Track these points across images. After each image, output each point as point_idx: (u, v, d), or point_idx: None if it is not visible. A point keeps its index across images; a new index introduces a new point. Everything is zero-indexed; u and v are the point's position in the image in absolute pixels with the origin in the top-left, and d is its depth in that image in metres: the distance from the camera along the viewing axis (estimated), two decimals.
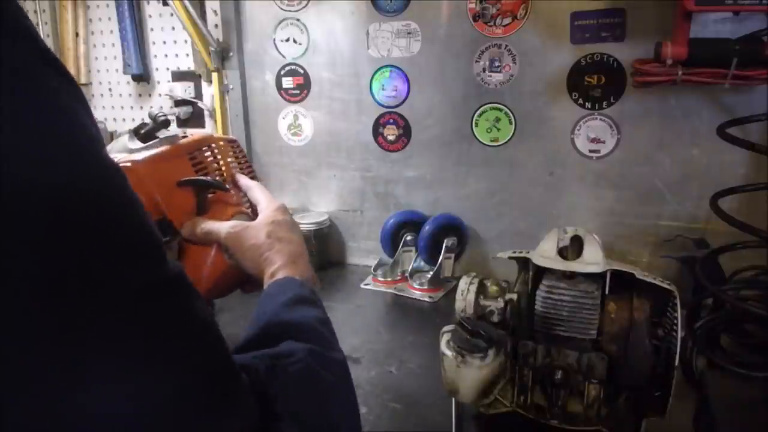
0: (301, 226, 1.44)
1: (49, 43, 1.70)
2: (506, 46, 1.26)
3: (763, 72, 0.99)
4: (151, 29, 1.60)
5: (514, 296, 0.81)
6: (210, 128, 1.61)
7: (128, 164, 0.61)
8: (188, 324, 0.31)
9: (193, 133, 0.73)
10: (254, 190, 0.71)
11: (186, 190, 0.65)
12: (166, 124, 0.68)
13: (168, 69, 1.62)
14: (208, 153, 0.71)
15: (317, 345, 0.47)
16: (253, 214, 0.70)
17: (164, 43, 1.60)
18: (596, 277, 0.76)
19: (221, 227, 0.63)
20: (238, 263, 0.63)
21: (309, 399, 0.43)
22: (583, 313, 0.76)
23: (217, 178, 0.70)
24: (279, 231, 0.63)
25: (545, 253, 0.77)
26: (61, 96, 0.26)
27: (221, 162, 0.72)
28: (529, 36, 1.24)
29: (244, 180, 0.73)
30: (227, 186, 0.70)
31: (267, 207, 0.67)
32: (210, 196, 0.67)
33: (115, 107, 1.72)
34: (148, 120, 0.68)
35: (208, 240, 0.63)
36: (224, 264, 0.65)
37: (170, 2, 1.41)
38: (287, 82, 1.47)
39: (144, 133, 0.67)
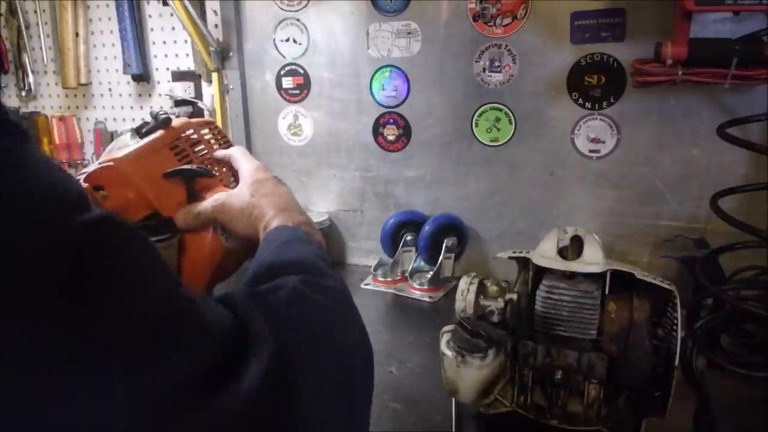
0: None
1: (49, 43, 1.70)
2: (506, 46, 1.26)
3: (763, 72, 0.99)
4: (151, 29, 1.60)
5: (514, 296, 0.81)
6: None
7: (110, 163, 0.61)
8: (119, 267, 0.30)
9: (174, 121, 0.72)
10: (233, 155, 0.70)
11: (174, 181, 0.64)
12: (167, 122, 0.67)
13: (168, 69, 1.62)
14: (187, 141, 0.70)
15: (309, 275, 0.46)
16: (236, 179, 0.69)
17: (164, 43, 1.60)
18: (596, 277, 0.76)
19: (207, 204, 0.62)
20: (234, 232, 0.62)
21: (296, 321, 0.40)
22: (583, 313, 0.76)
23: (202, 163, 0.70)
24: (262, 188, 0.62)
25: (545, 253, 0.77)
26: None
27: (201, 146, 0.72)
28: (529, 36, 1.24)
29: (221, 153, 0.72)
30: (214, 171, 0.69)
31: (247, 169, 0.66)
32: (199, 183, 0.66)
33: (115, 107, 1.72)
34: (149, 119, 0.68)
35: (200, 222, 0.63)
36: (221, 246, 0.64)
37: (170, 2, 1.41)
38: (287, 82, 1.47)
39: (145, 132, 0.67)
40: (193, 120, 0.73)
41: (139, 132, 0.67)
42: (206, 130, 0.74)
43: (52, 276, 0.26)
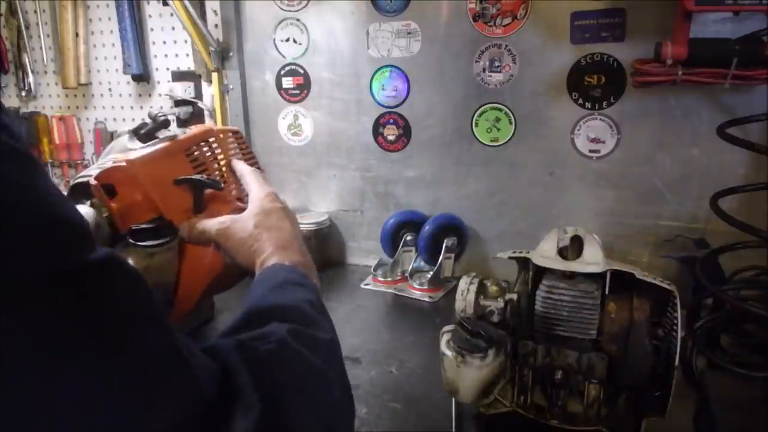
0: (301, 226, 1.44)
1: (49, 43, 1.71)
2: (506, 46, 1.26)
3: (763, 72, 0.99)
4: (151, 29, 1.60)
5: (514, 296, 0.81)
6: None
7: (123, 163, 0.61)
8: (109, 310, 0.30)
9: (194, 127, 0.71)
10: (246, 176, 0.69)
11: (183, 188, 0.64)
12: (166, 124, 0.68)
13: (168, 69, 1.62)
14: (206, 148, 0.70)
15: (300, 324, 0.45)
16: (243, 203, 0.69)
17: (164, 43, 1.60)
18: (596, 277, 0.76)
19: (212, 225, 0.62)
20: (233, 258, 0.62)
21: (282, 377, 0.40)
22: (583, 313, 0.76)
23: (216, 173, 0.70)
24: (267, 220, 0.61)
25: (545, 253, 0.77)
26: None
27: (220, 156, 0.72)
28: (529, 36, 1.24)
29: (239, 166, 0.71)
30: (222, 184, 0.69)
31: (256, 196, 0.65)
32: (207, 193, 0.67)
33: (115, 107, 1.72)
34: (148, 120, 0.68)
35: (203, 240, 0.63)
36: (222, 262, 0.64)
37: (170, 2, 1.41)
38: (287, 82, 1.47)
39: (144, 133, 0.67)
40: (216, 128, 0.73)
41: (137, 133, 0.67)
42: (231, 139, 0.74)
43: (48, 313, 0.26)
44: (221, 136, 0.73)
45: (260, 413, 0.35)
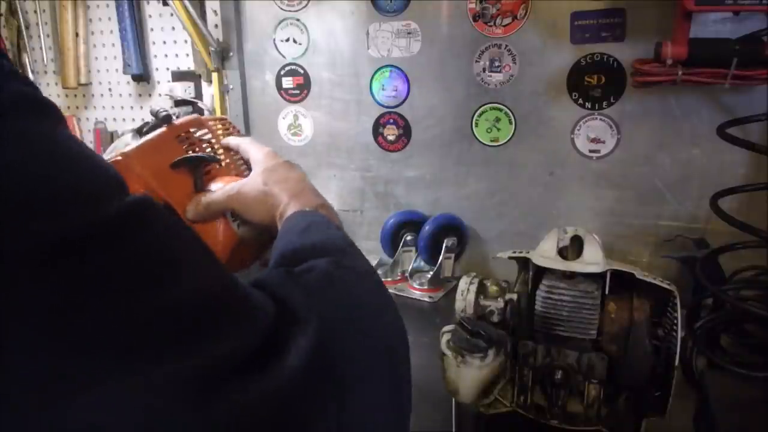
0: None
1: (49, 43, 1.71)
2: (506, 46, 1.26)
3: (763, 72, 0.99)
4: (151, 29, 1.60)
5: (514, 296, 0.81)
6: None
7: (119, 158, 0.61)
8: (160, 251, 0.29)
9: (183, 117, 0.71)
10: (242, 145, 0.70)
11: (181, 171, 0.63)
12: (167, 119, 0.67)
13: (168, 69, 1.62)
14: (198, 133, 0.70)
15: (338, 257, 0.44)
16: (248, 168, 0.69)
17: (164, 43, 1.60)
18: (596, 277, 0.76)
19: (219, 195, 0.62)
20: (250, 221, 0.62)
21: (336, 297, 0.39)
22: (583, 313, 0.76)
23: (210, 151, 0.69)
24: (274, 175, 0.62)
25: (545, 253, 0.77)
26: None
27: (211, 138, 0.72)
28: (529, 36, 1.24)
29: (232, 140, 0.71)
30: (221, 157, 0.69)
31: (257, 156, 0.66)
32: (207, 171, 0.66)
33: (115, 107, 1.72)
34: (150, 118, 0.68)
35: (212, 212, 0.62)
36: (235, 235, 0.64)
37: (170, 2, 1.41)
38: (287, 82, 1.47)
39: (146, 132, 0.67)
40: (203, 117, 0.73)
41: (140, 132, 0.67)
42: (219, 126, 0.74)
43: (92, 260, 0.26)
44: (210, 123, 0.73)
45: (317, 330, 0.34)
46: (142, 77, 1.63)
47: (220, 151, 0.71)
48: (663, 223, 1.22)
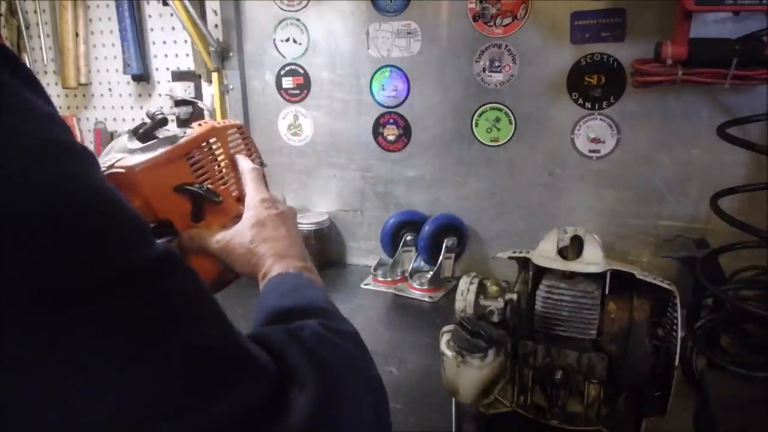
0: (301, 226, 1.45)
1: (49, 43, 1.70)
2: (506, 46, 1.26)
3: (763, 72, 0.99)
4: (151, 29, 1.60)
5: (514, 296, 0.81)
6: None
7: (122, 170, 0.60)
8: (179, 303, 0.30)
9: (199, 125, 0.71)
10: (245, 175, 0.69)
11: (182, 196, 0.64)
12: (163, 122, 0.67)
13: (168, 69, 1.62)
14: (207, 149, 0.69)
15: (325, 319, 0.46)
16: (242, 205, 0.69)
17: (164, 43, 1.60)
18: (596, 277, 0.76)
19: (211, 242, 0.62)
20: (233, 270, 0.62)
21: (330, 357, 0.41)
22: (583, 313, 0.76)
23: (217, 174, 0.69)
24: (263, 232, 0.61)
25: (545, 253, 0.77)
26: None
27: (221, 156, 0.71)
28: (529, 36, 1.24)
29: (241, 163, 0.71)
30: (220, 198, 0.68)
31: (251, 202, 0.65)
32: (206, 204, 0.66)
33: (115, 107, 1.72)
34: (147, 120, 0.68)
35: (202, 253, 0.63)
36: (216, 270, 0.64)
37: (170, 2, 1.41)
38: (287, 82, 1.47)
39: (142, 133, 0.66)
40: (219, 124, 0.72)
41: (136, 133, 0.66)
42: (235, 134, 0.74)
43: (118, 310, 0.27)
44: (224, 133, 0.72)
45: (316, 389, 0.36)
46: (142, 77, 1.63)
47: (226, 169, 0.71)
48: (663, 223, 1.22)
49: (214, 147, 0.70)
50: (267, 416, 0.32)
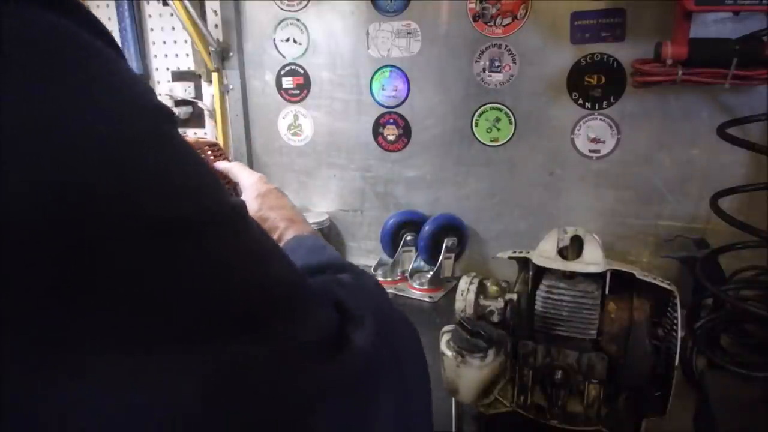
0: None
1: None
2: (506, 46, 1.26)
3: (763, 72, 0.99)
4: (151, 29, 1.60)
5: (514, 296, 0.81)
6: (210, 128, 1.61)
7: None
8: (259, 245, 0.32)
9: (190, 135, 0.74)
10: (232, 169, 0.71)
11: None
12: None
13: (168, 69, 1.62)
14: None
15: (353, 273, 0.47)
16: (237, 194, 0.71)
17: (164, 43, 1.60)
18: (596, 277, 0.76)
19: None
20: None
21: (376, 302, 0.43)
22: (583, 313, 0.76)
23: None
24: (267, 200, 0.64)
25: (545, 253, 0.77)
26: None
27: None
28: (529, 36, 1.24)
29: (221, 165, 0.73)
30: None
31: (248, 182, 0.68)
32: None
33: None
34: None
35: None
36: None
37: (170, 2, 1.41)
38: (287, 82, 1.47)
39: None
40: (200, 140, 0.75)
41: None
42: (209, 151, 0.76)
43: (208, 242, 0.28)
44: (205, 147, 0.75)
45: (373, 323, 0.38)
46: (142, 77, 1.63)
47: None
48: (663, 223, 1.22)
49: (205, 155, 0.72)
50: (337, 341, 0.34)
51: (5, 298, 0.22)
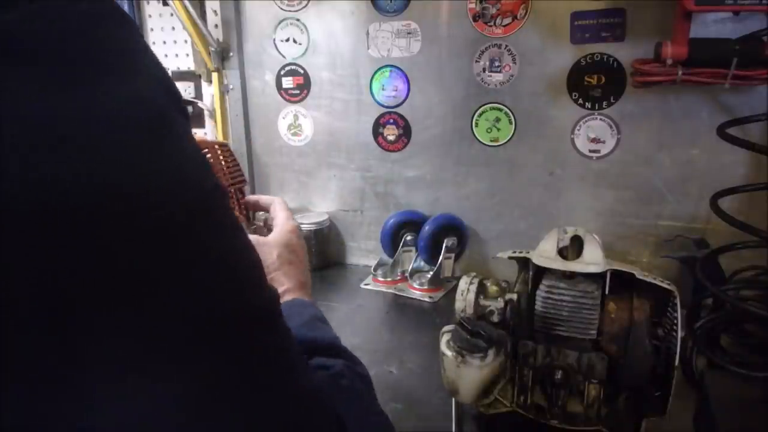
0: (301, 226, 1.45)
1: None
2: (506, 46, 1.26)
3: (763, 72, 0.99)
4: (151, 29, 1.60)
5: (514, 296, 0.81)
6: (210, 128, 1.61)
7: None
8: (267, 355, 0.31)
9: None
10: (274, 205, 0.71)
11: None
12: None
13: (168, 69, 1.62)
14: (208, 156, 0.72)
15: (347, 360, 0.47)
16: (268, 230, 0.71)
17: (164, 43, 1.60)
18: (596, 277, 0.76)
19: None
20: None
21: (352, 400, 0.43)
22: (583, 313, 0.76)
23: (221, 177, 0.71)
24: (290, 254, 0.63)
25: (545, 253, 0.77)
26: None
27: (215, 167, 0.73)
28: (529, 36, 1.24)
29: (264, 197, 0.74)
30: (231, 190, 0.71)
31: (282, 225, 0.67)
32: None
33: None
34: None
35: None
36: None
37: (170, 2, 1.41)
38: (287, 82, 1.47)
39: None
40: (209, 140, 0.75)
41: None
42: (219, 152, 0.76)
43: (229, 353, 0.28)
44: (215, 147, 0.75)
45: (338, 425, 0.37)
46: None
47: (224, 179, 0.73)
48: (663, 223, 1.22)
49: (208, 156, 0.73)
50: None
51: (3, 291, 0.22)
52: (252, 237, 0.63)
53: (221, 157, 0.76)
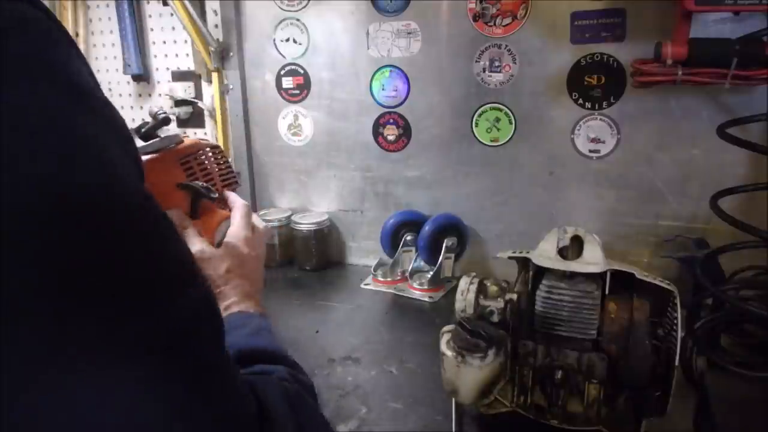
0: (301, 226, 1.45)
1: None
2: (506, 46, 1.26)
3: (763, 72, 0.99)
4: (151, 29, 1.60)
5: (514, 296, 0.81)
6: (210, 128, 1.61)
7: None
8: (200, 360, 0.33)
9: (186, 135, 0.75)
10: (236, 209, 0.71)
11: (182, 193, 0.68)
12: (166, 121, 0.69)
13: (168, 69, 1.62)
14: (198, 160, 0.73)
15: (289, 367, 0.48)
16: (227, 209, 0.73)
17: (164, 43, 1.60)
18: (596, 277, 0.76)
19: (193, 249, 0.63)
20: None
21: (304, 415, 0.43)
22: (583, 313, 0.76)
23: (207, 183, 0.72)
24: (238, 267, 0.63)
25: (545, 253, 0.77)
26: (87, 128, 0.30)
27: (209, 168, 0.74)
28: (529, 36, 1.24)
29: (231, 196, 0.74)
30: (216, 195, 0.71)
31: (235, 236, 0.66)
32: (202, 202, 0.69)
33: (115, 107, 1.72)
34: (148, 119, 0.69)
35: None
36: None
37: (170, 2, 1.41)
38: (287, 82, 1.47)
39: (145, 132, 0.68)
40: (203, 141, 0.76)
41: (138, 132, 0.68)
42: (213, 154, 0.76)
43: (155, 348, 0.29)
44: (208, 149, 0.76)
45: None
46: (142, 77, 1.63)
47: (212, 179, 0.74)
48: (663, 223, 1.22)
49: (201, 158, 0.73)
50: None
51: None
52: (206, 250, 0.63)
53: (213, 159, 0.76)
